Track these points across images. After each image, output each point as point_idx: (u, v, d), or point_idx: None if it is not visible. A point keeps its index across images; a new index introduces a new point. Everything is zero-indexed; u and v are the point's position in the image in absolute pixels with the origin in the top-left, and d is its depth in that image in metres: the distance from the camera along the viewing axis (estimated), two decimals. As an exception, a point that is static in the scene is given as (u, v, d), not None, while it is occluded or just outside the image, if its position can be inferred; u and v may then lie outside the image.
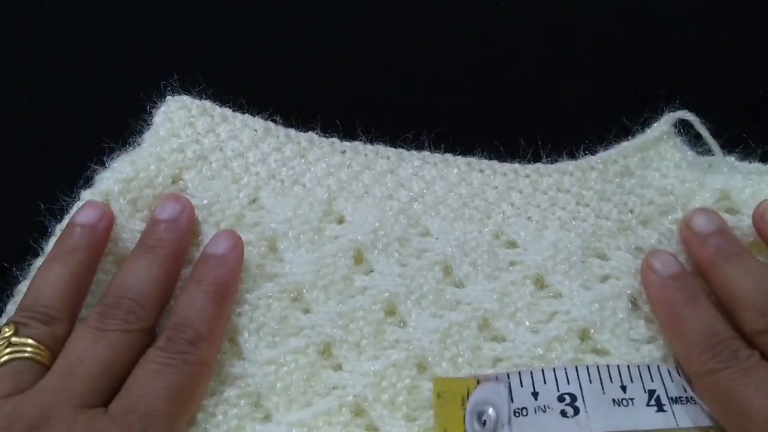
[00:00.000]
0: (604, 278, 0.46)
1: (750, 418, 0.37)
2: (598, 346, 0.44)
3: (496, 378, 0.41)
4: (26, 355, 0.38)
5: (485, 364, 0.44)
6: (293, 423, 0.42)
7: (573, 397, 0.40)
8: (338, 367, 0.44)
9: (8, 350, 0.38)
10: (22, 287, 0.44)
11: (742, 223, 0.46)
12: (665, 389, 0.41)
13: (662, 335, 0.44)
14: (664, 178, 0.48)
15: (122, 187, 0.46)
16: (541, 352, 0.43)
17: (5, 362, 0.38)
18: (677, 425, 0.39)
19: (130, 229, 0.46)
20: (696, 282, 0.44)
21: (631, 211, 0.48)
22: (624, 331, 0.44)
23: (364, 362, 0.43)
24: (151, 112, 0.49)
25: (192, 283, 0.42)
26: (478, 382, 0.41)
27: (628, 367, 0.41)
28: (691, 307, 0.42)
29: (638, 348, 0.44)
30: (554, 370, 0.41)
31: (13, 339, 0.39)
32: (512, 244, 0.47)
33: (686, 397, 0.40)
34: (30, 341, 0.39)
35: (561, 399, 0.40)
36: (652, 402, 0.39)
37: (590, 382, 0.40)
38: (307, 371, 0.43)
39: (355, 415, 0.43)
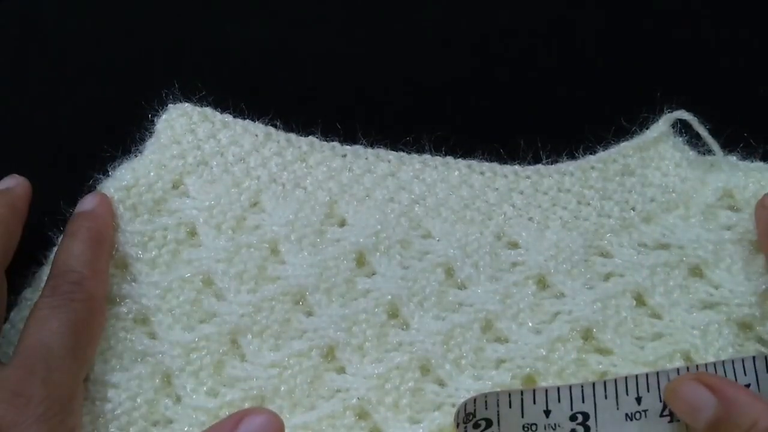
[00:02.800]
0: (607, 276, 0.46)
1: None
2: (602, 346, 0.44)
3: (509, 395, 0.40)
4: None
5: (488, 365, 0.44)
6: (297, 426, 0.42)
7: (585, 416, 0.39)
8: (341, 370, 0.44)
9: None
10: (27, 294, 0.44)
11: (745, 221, 0.46)
12: None
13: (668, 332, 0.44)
14: (665, 176, 0.48)
15: (122, 195, 0.46)
16: (544, 353, 0.43)
17: None
18: None
19: (130, 232, 0.46)
20: None
21: (633, 209, 0.48)
22: (628, 330, 0.44)
23: (368, 365, 0.44)
24: (152, 120, 0.49)
25: (66, 237, 0.44)
26: None
27: (647, 375, 0.40)
28: None
29: (642, 346, 0.44)
30: (570, 388, 0.40)
31: None
32: (514, 245, 0.47)
33: None
34: None
35: (573, 418, 0.39)
36: (666, 412, 0.39)
37: (605, 397, 0.40)
38: (310, 374, 0.43)
39: (359, 418, 0.43)
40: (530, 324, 0.45)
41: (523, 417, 0.39)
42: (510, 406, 0.40)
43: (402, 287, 0.45)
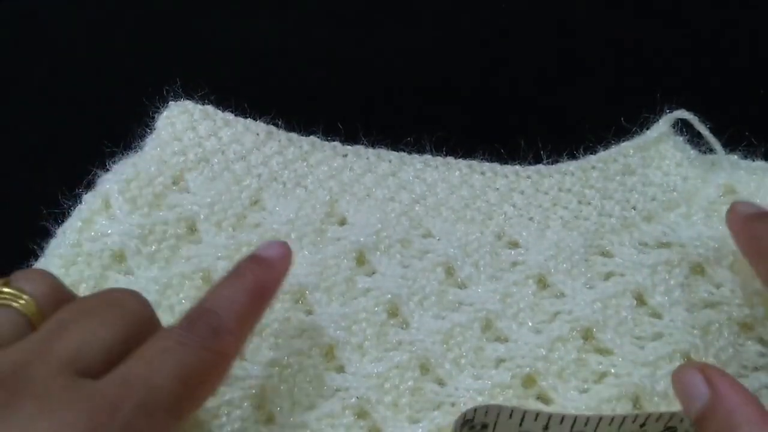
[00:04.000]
0: (608, 276, 0.46)
1: None
2: (602, 346, 0.44)
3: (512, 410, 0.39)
4: (14, 305, 0.34)
5: (488, 364, 0.43)
6: (297, 425, 0.42)
7: None
8: (341, 369, 0.43)
9: None
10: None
11: None
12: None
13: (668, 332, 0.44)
14: (666, 175, 0.48)
15: (122, 187, 0.46)
16: (544, 353, 0.43)
17: None
18: None
19: (129, 224, 0.46)
20: None
21: (634, 208, 0.48)
22: (628, 329, 0.44)
23: (367, 364, 0.43)
24: (153, 117, 0.49)
25: (231, 275, 0.38)
26: None
27: (660, 413, 0.38)
28: None
29: (643, 346, 0.44)
30: (576, 416, 0.39)
31: (5, 288, 0.34)
32: (514, 245, 0.47)
33: None
34: (24, 296, 0.34)
35: None
36: None
37: (609, 424, 0.39)
38: (310, 373, 0.43)
39: (358, 417, 0.42)
40: (530, 323, 0.44)
41: (521, 426, 0.39)
42: (510, 417, 0.39)
43: (402, 286, 0.45)
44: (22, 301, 0.34)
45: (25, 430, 0.28)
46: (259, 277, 0.38)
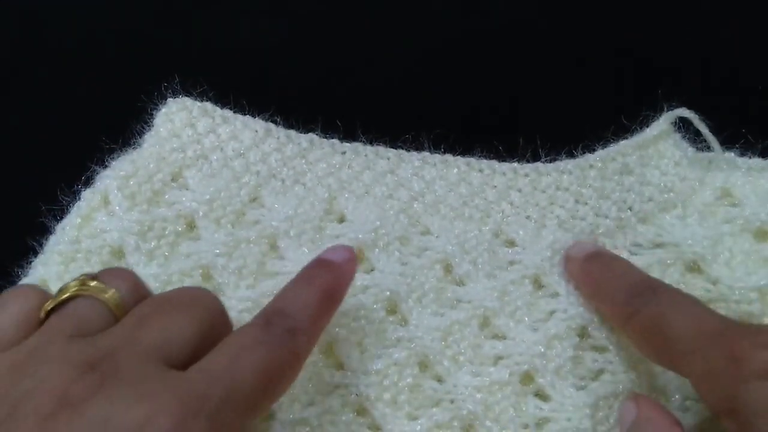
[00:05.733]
0: None
1: (673, 341, 0.37)
2: (597, 344, 0.44)
3: None
4: (100, 297, 0.35)
5: (486, 361, 0.44)
6: (296, 422, 0.42)
7: None
8: (340, 366, 0.44)
9: (78, 288, 0.35)
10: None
11: (745, 214, 0.46)
12: None
13: None
14: (663, 175, 0.48)
15: (121, 183, 0.46)
16: (542, 350, 0.43)
17: (72, 296, 0.35)
18: None
19: (128, 220, 0.46)
20: (611, 252, 0.45)
21: (630, 209, 0.48)
22: (623, 328, 0.44)
23: (366, 361, 0.43)
24: (152, 114, 0.49)
25: (301, 280, 0.40)
26: None
27: None
28: (607, 272, 0.43)
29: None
30: None
31: (92, 282, 0.35)
32: (511, 243, 0.47)
33: None
34: (110, 289, 0.35)
35: None
36: None
37: None
38: (309, 370, 0.43)
39: (357, 414, 0.42)
40: (527, 321, 0.45)
41: None
42: None
43: (401, 283, 0.45)
44: (107, 295, 0.35)
45: (121, 412, 0.29)
46: (329, 281, 0.40)
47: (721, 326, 0.37)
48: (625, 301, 0.41)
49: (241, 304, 0.44)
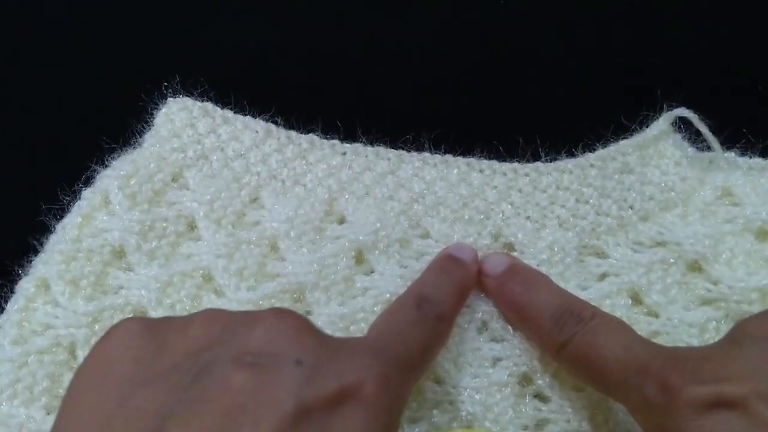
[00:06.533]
0: (602, 276, 0.46)
1: (606, 372, 0.38)
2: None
3: None
4: None
5: (485, 363, 0.44)
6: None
7: None
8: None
9: None
10: (23, 284, 0.44)
11: (746, 214, 0.46)
12: None
13: (665, 331, 0.44)
14: (664, 175, 0.48)
15: (121, 183, 0.46)
16: (539, 352, 0.43)
17: None
18: None
19: (129, 220, 0.46)
20: (529, 267, 0.45)
21: (631, 207, 0.48)
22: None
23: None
24: (152, 114, 0.49)
25: (440, 271, 0.44)
26: None
27: None
28: (529, 294, 0.43)
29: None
30: None
31: None
32: (510, 247, 0.47)
33: None
34: None
35: None
36: None
37: None
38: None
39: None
40: None
41: None
42: None
43: (400, 286, 0.45)
44: None
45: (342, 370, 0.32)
46: (463, 278, 0.44)
47: (651, 354, 0.37)
48: (552, 329, 0.41)
49: (242, 306, 0.44)
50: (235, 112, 0.50)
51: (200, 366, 0.31)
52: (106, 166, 0.48)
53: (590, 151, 0.49)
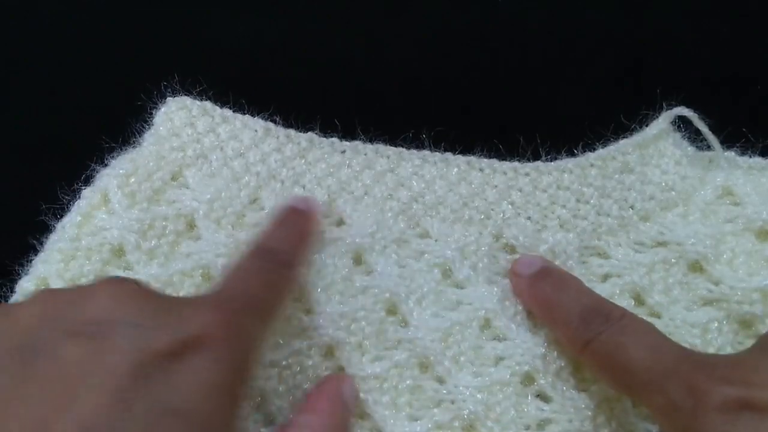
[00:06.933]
0: (605, 277, 0.46)
1: (631, 373, 0.38)
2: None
3: None
4: None
5: (487, 362, 0.44)
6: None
7: None
8: (341, 369, 0.44)
9: None
10: (23, 283, 0.44)
11: (747, 214, 0.46)
12: None
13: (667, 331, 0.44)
14: (664, 174, 0.48)
15: (121, 182, 0.46)
16: (542, 351, 0.43)
17: None
18: None
19: (128, 218, 0.45)
20: (561, 269, 0.45)
21: (632, 207, 0.48)
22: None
23: (367, 364, 0.43)
24: (151, 113, 0.49)
25: (282, 224, 0.44)
26: None
27: None
28: (559, 293, 0.43)
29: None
30: None
31: None
32: (511, 249, 0.47)
33: None
34: None
35: None
36: None
37: None
38: (309, 374, 0.43)
39: (358, 417, 0.43)
40: (528, 324, 0.45)
41: None
42: None
43: (400, 285, 0.45)
44: None
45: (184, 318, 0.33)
46: (304, 224, 0.45)
47: (679, 357, 0.37)
48: (579, 326, 0.41)
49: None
50: (234, 111, 0.49)
51: (34, 345, 0.31)
52: (106, 165, 0.48)
53: (590, 151, 0.49)
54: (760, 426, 0.33)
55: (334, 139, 0.49)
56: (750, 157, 0.49)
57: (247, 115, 0.49)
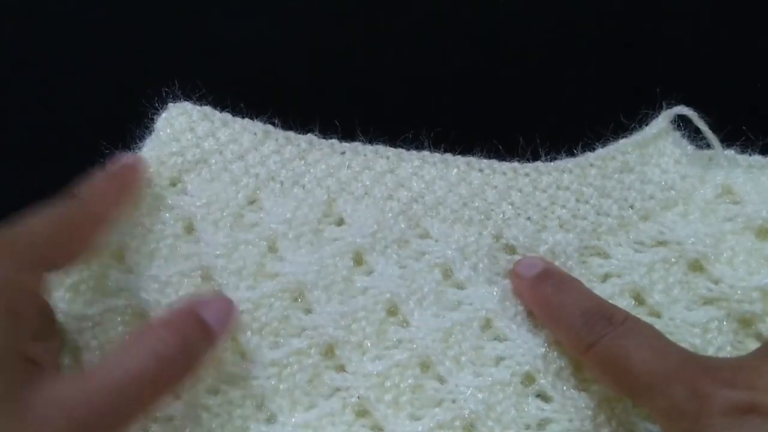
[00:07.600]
0: (605, 277, 0.46)
1: (634, 376, 0.38)
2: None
3: None
4: None
5: (488, 362, 0.44)
6: (298, 425, 0.42)
7: None
8: (341, 368, 0.44)
9: None
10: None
11: (746, 212, 0.46)
12: None
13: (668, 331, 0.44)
14: (664, 173, 0.48)
15: None
16: (542, 351, 0.43)
17: None
18: None
19: (128, 224, 0.45)
20: (562, 271, 0.45)
21: (632, 207, 0.48)
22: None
23: (368, 363, 0.43)
24: (152, 119, 0.49)
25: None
26: None
27: None
28: (561, 295, 0.43)
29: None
30: None
31: None
32: (511, 249, 0.47)
33: None
34: None
35: None
36: None
37: None
38: (309, 373, 0.43)
39: (359, 416, 0.43)
40: (528, 324, 0.45)
41: None
42: None
43: (400, 285, 0.45)
44: None
45: None
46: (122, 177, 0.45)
47: (682, 360, 0.37)
48: (582, 329, 0.41)
49: (242, 305, 0.44)
50: (233, 115, 0.49)
51: None
52: (106, 170, 0.48)
53: (590, 151, 0.49)
54: (764, 430, 0.33)
55: (334, 141, 0.49)
56: (750, 155, 0.49)
57: (246, 118, 0.49)
